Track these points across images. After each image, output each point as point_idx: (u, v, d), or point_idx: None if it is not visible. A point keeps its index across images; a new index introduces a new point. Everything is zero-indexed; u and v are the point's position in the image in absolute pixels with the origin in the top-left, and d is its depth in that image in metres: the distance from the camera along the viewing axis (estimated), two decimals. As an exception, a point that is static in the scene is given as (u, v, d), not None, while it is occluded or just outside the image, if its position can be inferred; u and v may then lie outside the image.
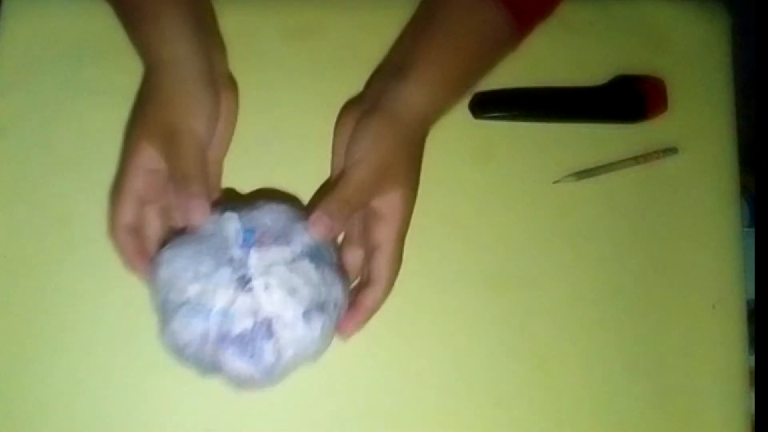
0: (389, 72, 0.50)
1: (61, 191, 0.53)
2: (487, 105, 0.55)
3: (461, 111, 0.54)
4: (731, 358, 0.53)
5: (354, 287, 0.48)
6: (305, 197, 0.52)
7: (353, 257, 0.48)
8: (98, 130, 0.53)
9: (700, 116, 0.56)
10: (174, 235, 0.46)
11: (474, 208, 0.54)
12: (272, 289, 0.41)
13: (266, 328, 0.41)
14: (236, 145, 0.51)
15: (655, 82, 0.56)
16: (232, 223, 0.43)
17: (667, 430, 0.52)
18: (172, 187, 0.46)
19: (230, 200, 0.50)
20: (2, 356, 0.51)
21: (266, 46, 0.54)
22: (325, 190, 0.50)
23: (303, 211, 0.47)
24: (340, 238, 0.50)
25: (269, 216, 0.44)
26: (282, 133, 0.54)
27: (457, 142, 0.54)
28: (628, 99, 0.55)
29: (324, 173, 0.51)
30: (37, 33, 0.55)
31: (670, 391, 0.52)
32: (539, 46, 0.55)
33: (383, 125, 0.46)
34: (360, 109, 0.48)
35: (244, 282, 0.41)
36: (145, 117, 0.47)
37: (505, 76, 0.55)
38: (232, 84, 0.51)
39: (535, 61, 0.56)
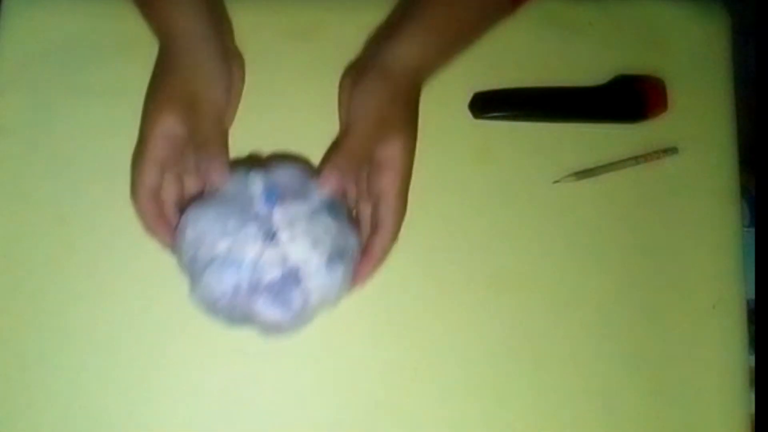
0: (382, 34, 0.52)
1: (61, 191, 0.53)
2: (487, 105, 0.55)
3: (461, 111, 0.55)
4: (731, 358, 0.53)
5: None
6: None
7: (365, 211, 0.49)
8: (98, 130, 0.53)
9: (700, 116, 0.56)
10: (189, 201, 0.48)
11: (474, 208, 0.54)
12: (297, 240, 0.44)
13: (294, 276, 0.44)
14: (236, 144, 0.51)
15: (655, 82, 0.56)
16: (256, 182, 0.46)
17: (667, 430, 0.52)
18: (193, 152, 0.48)
19: (247, 164, 0.51)
20: (2, 356, 0.51)
21: (266, 46, 0.54)
22: (332, 150, 0.51)
23: (314, 170, 0.50)
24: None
25: (286, 175, 0.47)
26: (281, 133, 0.54)
27: (457, 142, 0.54)
28: (628, 99, 0.55)
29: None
30: (37, 33, 0.55)
31: (670, 392, 0.52)
32: (540, 46, 0.55)
33: (377, 81, 0.48)
34: (356, 70, 0.51)
35: (270, 235, 0.44)
36: (165, 87, 0.49)
37: (505, 76, 0.55)
38: (239, 57, 0.53)
39: (535, 61, 0.56)
